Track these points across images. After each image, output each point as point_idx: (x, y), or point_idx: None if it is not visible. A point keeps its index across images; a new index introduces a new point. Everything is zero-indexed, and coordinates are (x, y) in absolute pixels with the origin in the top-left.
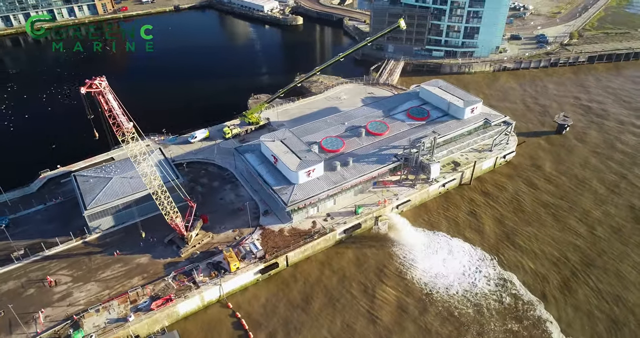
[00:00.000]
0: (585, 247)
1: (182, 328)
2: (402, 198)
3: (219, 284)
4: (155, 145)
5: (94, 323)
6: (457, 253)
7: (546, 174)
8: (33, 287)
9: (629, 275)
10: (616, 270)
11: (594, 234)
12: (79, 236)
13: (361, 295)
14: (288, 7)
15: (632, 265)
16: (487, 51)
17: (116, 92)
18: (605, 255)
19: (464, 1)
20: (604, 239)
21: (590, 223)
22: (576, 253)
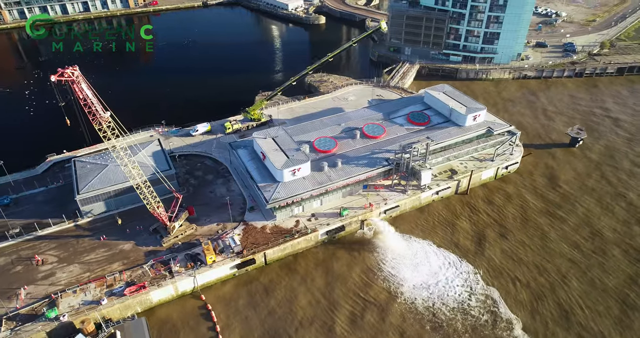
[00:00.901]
0: (578, 269)
1: (154, 315)
2: (390, 203)
3: (193, 276)
4: (158, 135)
5: (69, 304)
6: (441, 264)
7: (549, 189)
8: (21, 264)
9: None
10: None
11: (590, 256)
12: (71, 219)
13: (331, 300)
14: (313, 6)
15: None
16: (508, 58)
17: (132, 84)
18: (600, 280)
19: (485, 6)
20: (599, 264)
21: (588, 245)
22: (567, 275)
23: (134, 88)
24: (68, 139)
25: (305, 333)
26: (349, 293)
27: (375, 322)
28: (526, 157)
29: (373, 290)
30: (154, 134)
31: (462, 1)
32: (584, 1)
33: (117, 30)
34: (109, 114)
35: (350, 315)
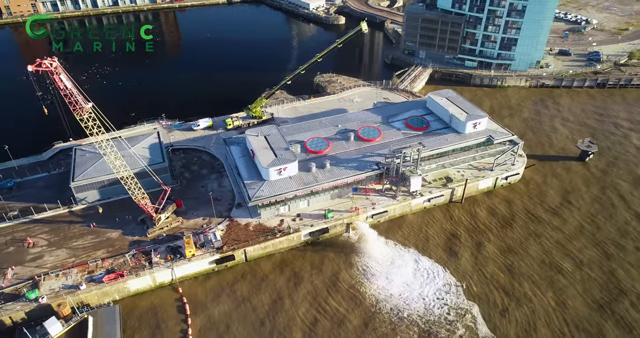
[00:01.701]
0: (569, 291)
1: (131, 304)
2: (379, 208)
3: (171, 268)
4: (161, 128)
5: (50, 287)
6: (423, 274)
7: (549, 204)
8: (14, 245)
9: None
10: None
11: (582, 278)
12: (66, 205)
13: (305, 302)
14: (334, 6)
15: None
16: (525, 65)
17: (148, 77)
18: (593, 303)
19: (502, 10)
20: (593, 286)
21: (582, 264)
22: (554, 295)
23: (149, 81)
24: (77, 127)
25: (269, 334)
26: (321, 295)
27: (343, 328)
28: (529, 169)
29: (347, 294)
30: (158, 127)
31: (479, 5)
32: (618, 9)
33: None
34: (91, 105)
35: (315, 319)
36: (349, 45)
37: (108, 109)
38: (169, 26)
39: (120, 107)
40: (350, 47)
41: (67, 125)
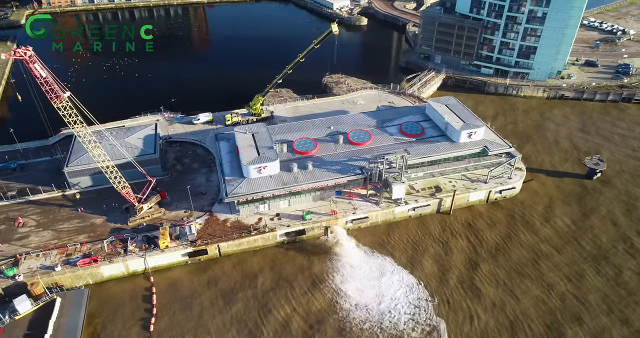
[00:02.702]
0: (550, 314)
1: (102, 289)
2: (359, 213)
3: (143, 257)
4: (163, 120)
5: (29, 266)
6: (395, 285)
7: (544, 223)
8: (6, 224)
9: None
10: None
11: (567, 309)
12: (60, 189)
13: (266, 303)
14: (359, 7)
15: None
16: (545, 75)
17: (164, 71)
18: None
19: (522, 17)
20: (577, 318)
21: (568, 294)
22: (535, 319)
23: (164, 74)
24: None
25: (228, 334)
26: (286, 299)
27: (294, 332)
28: (528, 183)
29: (312, 300)
30: (160, 119)
31: (497, 11)
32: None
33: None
34: (68, 95)
35: (279, 322)
36: (362, 47)
37: (118, 98)
38: (197, 21)
39: (129, 97)
40: (363, 48)
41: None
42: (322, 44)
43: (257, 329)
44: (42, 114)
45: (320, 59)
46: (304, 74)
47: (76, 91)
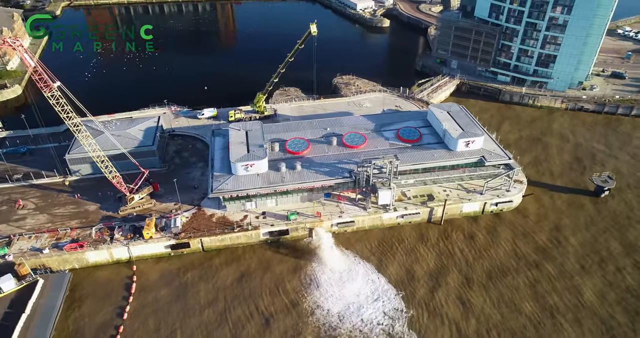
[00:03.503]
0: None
1: (86, 274)
2: (346, 217)
3: (127, 246)
4: (170, 113)
5: (20, 247)
6: (374, 293)
7: (538, 240)
8: (7, 205)
9: None
10: None
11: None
12: (62, 175)
13: (243, 301)
14: (383, 8)
15: None
16: (564, 85)
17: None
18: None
19: (542, 24)
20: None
21: (550, 316)
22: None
23: (181, 68)
24: (102, 104)
25: (198, 325)
26: (260, 296)
27: (266, 333)
28: (528, 197)
29: (284, 300)
30: (167, 112)
31: (517, 16)
32: None
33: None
34: (57, 85)
35: (245, 318)
36: (380, 49)
37: (131, 89)
38: (224, 17)
39: (143, 90)
40: (381, 50)
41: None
42: (337, 45)
43: (232, 323)
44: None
45: (333, 60)
46: (321, 74)
47: (93, 81)
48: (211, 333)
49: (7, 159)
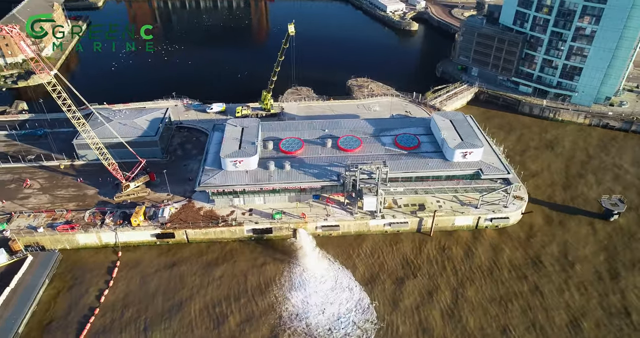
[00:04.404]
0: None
1: (76, 254)
2: (331, 220)
3: (115, 231)
4: (182, 106)
5: (18, 224)
6: (347, 301)
7: (531, 262)
8: (16, 183)
9: None
10: None
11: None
12: (70, 159)
13: (215, 294)
14: (413, 11)
15: None
16: (590, 99)
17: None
18: None
19: (568, 34)
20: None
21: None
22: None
23: (204, 63)
24: (121, 93)
25: (168, 315)
26: (230, 292)
27: (223, 329)
28: (529, 215)
29: (253, 299)
30: (179, 104)
31: (542, 25)
32: None
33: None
34: (54, 73)
35: (212, 318)
36: (403, 52)
37: (151, 81)
38: (257, 14)
39: (161, 81)
40: (404, 54)
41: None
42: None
43: (191, 321)
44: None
45: (353, 61)
46: (331, 74)
47: (119, 71)
48: (171, 323)
49: (24, 141)
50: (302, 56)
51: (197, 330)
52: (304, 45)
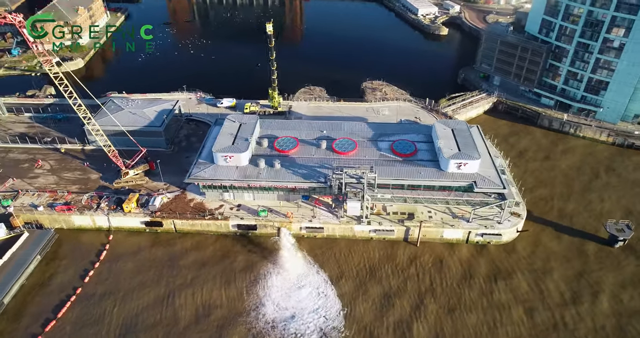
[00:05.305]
0: None
1: (70, 235)
2: (316, 222)
3: (107, 216)
4: (195, 99)
5: (22, 202)
6: (318, 307)
7: (514, 285)
8: (29, 163)
9: None
10: None
11: None
12: (81, 143)
13: (190, 287)
14: (446, 15)
15: None
16: (616, 116)
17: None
18: None
19: (595, 45)
20: None
21: None
22: None
23: (227, 58)
24: (142, 83)
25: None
26: (204, 288)
27: (177, 324)
28: (525, 234)
29: (225, 296)
30: (193, 97)
31: (568, 35)
32: None
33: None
34: (56, 60)
35: (174, 307)
36: (427, 57)
37: (172, 72)
38: (292, 13)
39: (182, 74)
40: (427, 58)
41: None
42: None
43: (157, 311)
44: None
45: (374, 63)
46: (348, 75)
47: (145, 62)
48: (144, 311)
49: (45, 123)
50: (323, 55)
51: (160, 326)
52: (330, 45)
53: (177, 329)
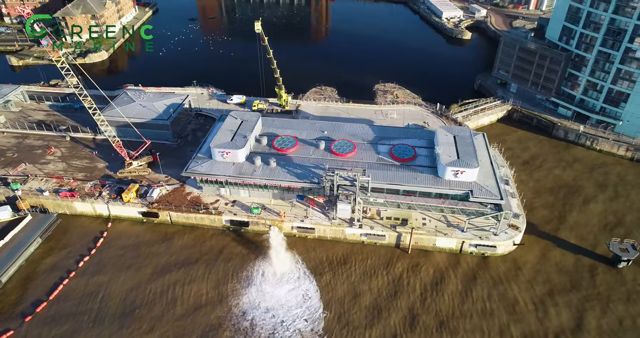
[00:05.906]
0: None
1: (72, 221)
2: (307, 222)
3: (107, 204)
4: (207, 94)
5: (31, 186)
6: (300, 309)
7: (507, 301)
8: (43, 149)
9: None
10: None
11: None
12: (94, 132)
13: (178, 280)
14: (471, 19)
15: None
16: (636, 130)
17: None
18: None
19: (616, 54)
20: None
21: None
22: None
23: (245, 56)
24: (159, 77)
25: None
26: (192, 284)
27: (166, 317)
28: (523, 247)
29: (208, 292)
30: (205, 92)
31: (589, 43)
32: None
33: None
34: (63, 52)
35: (154, 297)
36: (446, 61)
37: (190, 67)
38: (317, 13)
39: (198, 69)
40: (447, 62)
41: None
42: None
43: (145, 301)
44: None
45: (391, 65)
46: (362, 77)
47: (165, 56)
48: (131, 304)
49: (62, 112)
50: (342, 55)
51: (152, 310)
52: (351, 45)
53: (162, 320)
